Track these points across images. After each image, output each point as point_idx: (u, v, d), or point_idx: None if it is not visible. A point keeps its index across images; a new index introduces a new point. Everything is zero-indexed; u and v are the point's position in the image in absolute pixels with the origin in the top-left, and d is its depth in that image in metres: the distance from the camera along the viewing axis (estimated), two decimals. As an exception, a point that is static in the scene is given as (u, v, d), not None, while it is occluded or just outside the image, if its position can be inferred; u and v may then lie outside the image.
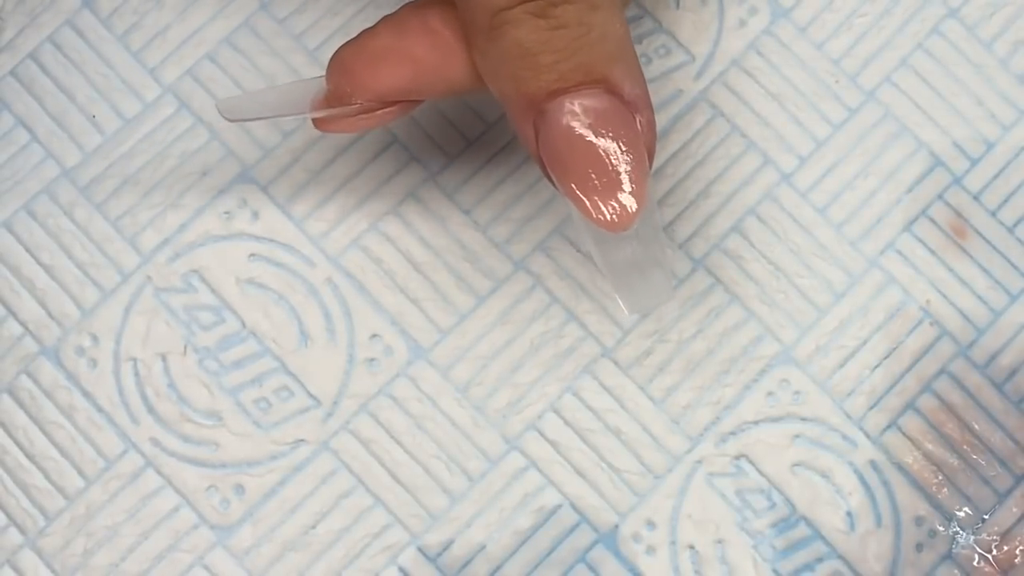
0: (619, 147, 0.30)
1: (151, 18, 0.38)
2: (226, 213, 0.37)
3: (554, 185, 0.30)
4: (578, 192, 0.30)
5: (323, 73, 0.32)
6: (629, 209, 0.30)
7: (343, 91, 0.32)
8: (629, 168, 0.30)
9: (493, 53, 0.30)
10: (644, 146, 0.30)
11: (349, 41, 0.32)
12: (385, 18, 0.32)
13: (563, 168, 0.30)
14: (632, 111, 0.30)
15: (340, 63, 0.32)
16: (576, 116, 0.30)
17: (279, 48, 0.38)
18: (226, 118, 0.33)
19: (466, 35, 0.31)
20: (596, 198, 0.30)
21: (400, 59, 0.31)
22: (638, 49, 0.38)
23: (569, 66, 0.29)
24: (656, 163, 0.37)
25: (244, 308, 0.36)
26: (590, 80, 0.30)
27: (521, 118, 0.30)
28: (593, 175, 0.30)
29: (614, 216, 0.30)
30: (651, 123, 0.31)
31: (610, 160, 0.30)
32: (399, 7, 0.32)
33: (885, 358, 0.36)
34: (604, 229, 0.30)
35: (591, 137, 0.30)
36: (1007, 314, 0.36)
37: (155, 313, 0.36)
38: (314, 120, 0.33)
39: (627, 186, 0.30)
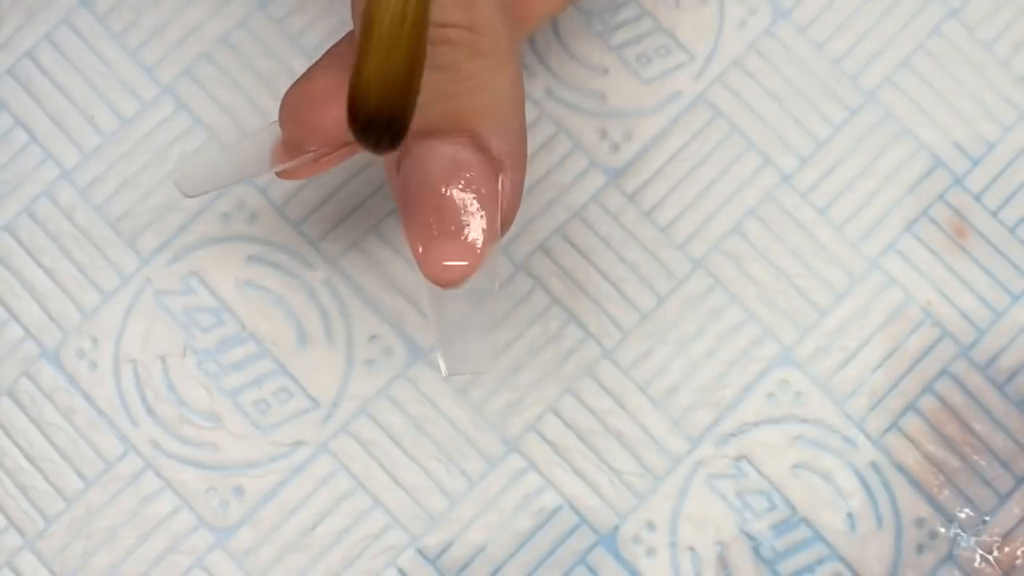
0: (468, 202, 0.28)
1: (148, 17, 0.38)
2: (225, 215, 0.37)
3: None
4: (414, 236, 0.29)
5: (273, 119, 0.32)
6: (459, 267, 0.29)
7: (295, 139, 0.31)
8: (473, 226, 0.28)
9: None
10: (498, 207, 0.29)
11: (294, 83, 0.31)
12: (329, 51, 0.31)
13: (408, 209, 0.29)
14: (496, 169, 0.29)
15: (289, 109, 0.31)
16: (434, 162, 0.28)
17: (277, 48, 0.38)
18: (186, 195, 0.33)
19: None
20: (430, 248, 0.29)
21: (344, 97, 0.31)
22: (638, 49, 0.38)
23: (438, 111, 0.28)
24: (656, 163, 0.37)
25: (243, 310, 0.36)
26: (456, 129, 0.28)
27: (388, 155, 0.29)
28: (432, 224, 0.28)
29: (441, 271, 0.29)
30: (516, 186, 0.29)
31: (455, 214, 0.28)
32: (343, 36, 0.31)
33: (886, 359, 0.36)
34: (430, 280, 0.29)
35: (441, 186, 0.28)
36: (1008, 315, 0.36)
37: (155, 315, 0.36)
38: (276, 172, 0.32)
39: (464, 243, 0.28)
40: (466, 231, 0.29)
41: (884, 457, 0.35)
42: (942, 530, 0.35)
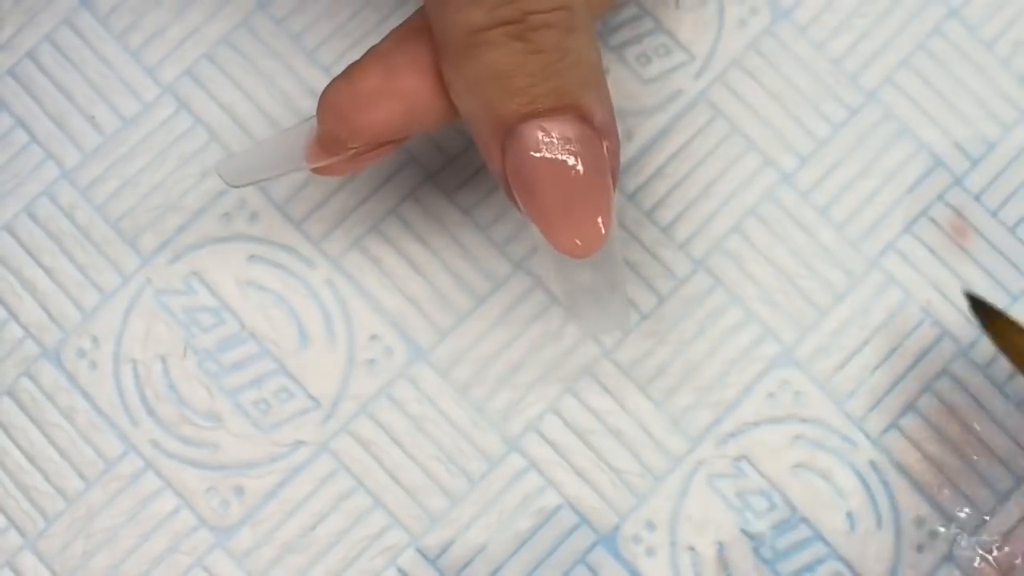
0: (586, 173, 0.30)
1: (149, 17, 0.38)
2: (225, 215, 0.37)
3: (518, 207, 0.30)
4: (543, 216, 0.30)
5: (312, 113, 0.32)
6: (594, 235, 0.30)
7: (337, 136, 0.31)
8: (595, 194, 0.30)
9: (466, 72, 0.30)
10: (610, 173, 0.30)
11: (337, 80, 0.31)
12: (371, 52, 0.31)
13: (529, 192, 0.30)
14: (600, 138, 0.30)
15: (333, 108, 0.31)
16: (546, 141, 0.29)
17: (277, 48, 0.38)
18: (231, 185, 0.33)
19: (438, 52, 0.30)
20: (561, 223, 0.30)
21: (392, 98, 0.31)
22: (638, 49, 0.38)
23: (542, 90, 0.29)
24: (656, 163, 0.37)
25: (244, 310, 0.36)
26: (562, 105, 0.29)
27: (490, 139, 0.30)
28: (559, 200, 0.30)
29: (578, 241, 0.30)
30: (616, 150, 0.30)
31: (577, 186, 0.30)
32: (384, 37, 0.32)
33: (886, 359, 0.36)
34: (567, 254, 0.30)
35: (559, 163, 0.29)
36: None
37: (155, 315, 0.36)
38: (312, 168, 0.33)
39: (593, 212, 0.30)
40: (591, 201, 0.30)
41: (884, 457, 0.35)
42: (942, 530, 0.35)
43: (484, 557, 0.35)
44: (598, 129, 0.30)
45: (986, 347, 0.36)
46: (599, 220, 0.30)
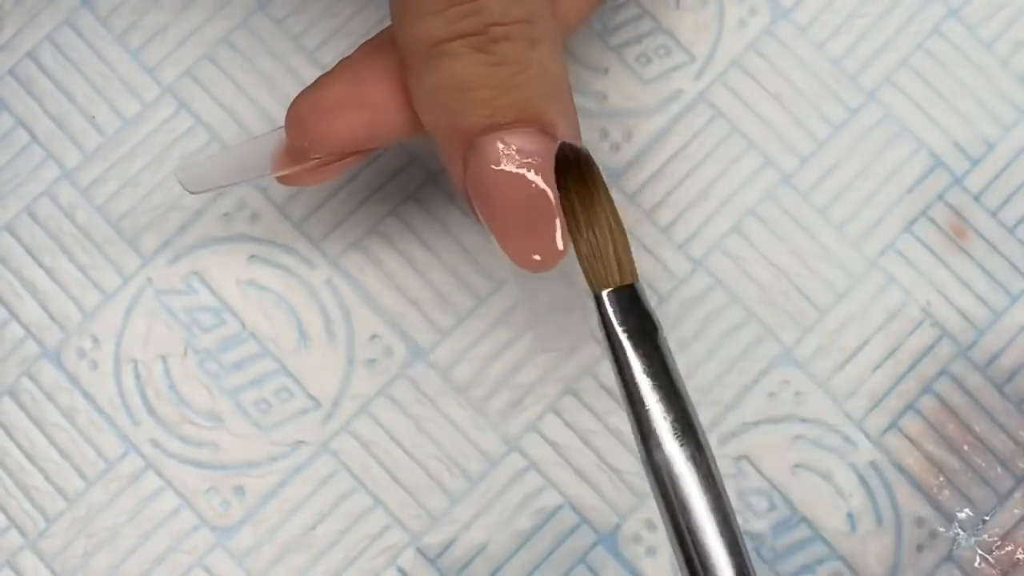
0: (548, 187, 0.29)
1: (149, 17, 0.38)
2: (226, 215, 0.37)
3: (479, 219, 0.30)
4: (501, 230, 0.29)
5: (279, 124, 0.32)
6: (552, 251, 0.29)
7: (300, 145, 0.31)
8: (554, 209, 0.29)
9: (428, 83, 0.29)
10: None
11: (305, 90, 0.31)
12: (341, 62, 0.31)
13: (488, 205, 0.29)
14: None
15: (295, 116, 0.31)
16: (507, 154, 0.29)
17: (277, 49, 0.38)
18: (189, 191, 0.33)
19: (403, 63, 0.30)
20: (519, 237, 0.29)
21: (356, 108, 0.31)
22: (638, 49, 0.38)
23: (504, 103, 0.29)
24: (656, 163, 0.37)
25: (244, 310, 0.36)
26: (524, 118, 0.29)
27: (451, 150, 0.30)
28: (518, 214, 0.29)
29: (536, 256, 0.29)
30: None
31: (537, 200, 0.29)
32: (357, 48, 0.32)
33: (886, 359, 0.36)
34: (525, 269, 0.30)
35: (519, 176, 0.29)
36: (1008, 315, 0.36)
37: (155, 315, 0.36)
38: (278, 176, 0.33)
39: (552, 227, 0.29)
40: (552, 215, 0.29)
41: (884, 457, 0.35)
42: (942, 530, 0.35)
43: (484, 557, 0.35)
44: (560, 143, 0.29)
45: (986, 347, 0.36)
46: (557, 236, 0.29)
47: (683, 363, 0.36)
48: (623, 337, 0.29)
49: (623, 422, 0.35)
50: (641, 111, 0.37)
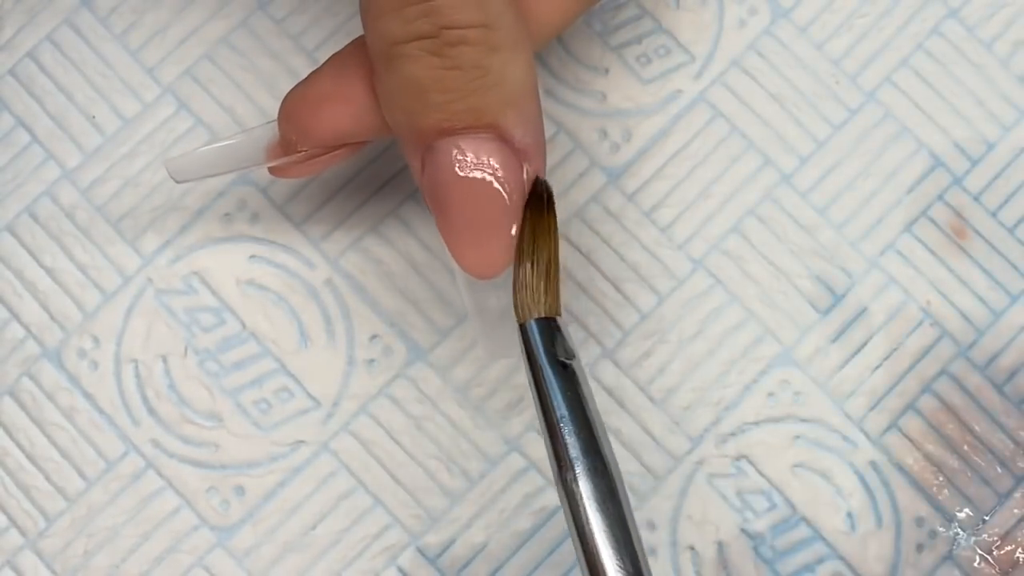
0: (499, 194, 0.29)
1: (149, 17, 0.38)
2: (226, 215, 0.37)
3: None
4: (450, 233, 0.29)
5: (273, 118, 0.32)
6: (499, 257, 0.29)
7: (288, 137, 0.32)
8: (506, 216, 0.29)
9: (388, 83, 0.29)
10: (525, 196, 0.30)
11: (295, 85, 0.32)
12: (331, 57, 0.31)
13: (440, 208, 0.29)
14: (521, 159, 0.29)
15: (284, 110, 0.31)
16: (459, 159, 0.29)
17: (277, 48, 0.38)
18: (176, 180, 0.33)
19: (371, 62, 0.30)
20: (467, 242, 0.29)
21: (340, 102, 0.31)
22: (638, 49, 0.38)
23: (460, 107, 0.29)
24: (656, 163, 0.37)
25: (244, 310, 0.36)
26: (480, 124, 0.29)
27: (410, 150, 0.30)
28: (468, 219, 0.29)
29: (481, 262, 0.29)
30: (540, 173, 0.30)
31: (487, 206, 0.29)
32: (348, 43, 0.32)
33: (885, 359, 0.36)
34: (472, 274, 0.30)
35: (472, 181, 0.29)
36: (1007, 315, 0.36)
37: (156, 315, 0.36)
38: (269, 167, 0.33)
39: (501, 234, 0.29)
40: (500, 223, 0.29)
41: (884, 457, 0.35)
42: (942, 529, 0.35)
43: (484, 557, 0.35)
44: (519, 150, 0.29)
45: (986, 347, 0.36)
46: (504, 243, 0.29)
47: (683, 363, 0.36)
48: (543, 363, 0.30)
49: (623, 422, 0.36)
50: (641, 111, 0.37)
